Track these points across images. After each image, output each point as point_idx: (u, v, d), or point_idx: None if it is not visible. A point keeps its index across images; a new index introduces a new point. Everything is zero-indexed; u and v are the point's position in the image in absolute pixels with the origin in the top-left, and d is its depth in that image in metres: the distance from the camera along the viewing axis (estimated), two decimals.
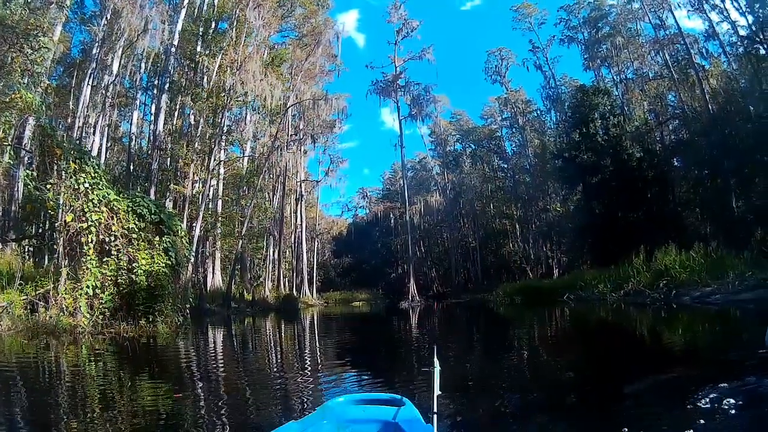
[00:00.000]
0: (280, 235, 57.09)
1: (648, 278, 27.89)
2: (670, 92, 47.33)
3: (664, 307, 22.49)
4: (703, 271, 25.26)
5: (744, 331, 13.93)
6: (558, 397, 7.77)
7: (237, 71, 39.77)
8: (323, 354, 15.28)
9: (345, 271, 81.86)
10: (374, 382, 9.93)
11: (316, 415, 5.17)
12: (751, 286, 21.43)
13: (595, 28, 56.11)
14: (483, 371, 10.78)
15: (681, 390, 6.69)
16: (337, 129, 64.25)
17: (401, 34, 63.08)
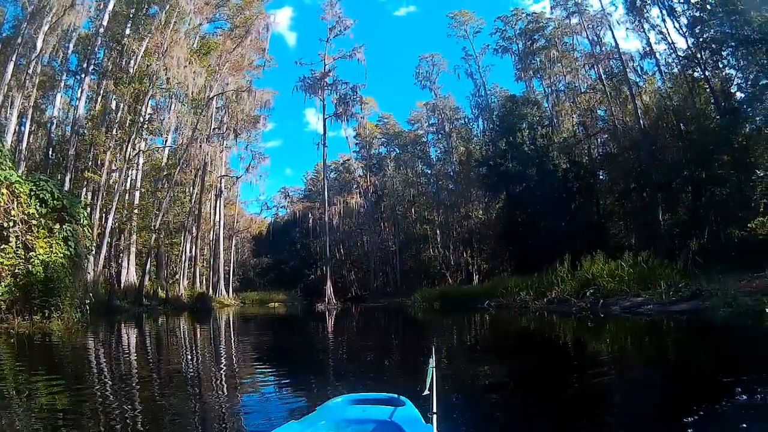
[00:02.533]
0: (198, 231, 55.23)
1: (573, 287, 27.63)
2: (601, 106, 47.49)
3: (590, 317, 22.43)
4: (632, 281, 25.09)
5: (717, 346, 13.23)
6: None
7: (162, 56, 38.45)
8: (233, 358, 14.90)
9: (264, 271, 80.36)
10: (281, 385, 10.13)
11: (316, 414, 5.13)
12: (686, 296, 21.28)
13: (531, 40, 56.15)
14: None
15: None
16: (261, 125, 63.02)
17: (334, 32, 62.42)
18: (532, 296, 29.88)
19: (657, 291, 22.64)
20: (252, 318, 37.50)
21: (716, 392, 7.19)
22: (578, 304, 25.49)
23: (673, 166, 33.17)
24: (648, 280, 24.37)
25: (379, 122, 76.74)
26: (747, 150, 29.40)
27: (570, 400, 7.76)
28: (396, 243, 68.38)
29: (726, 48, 30.83)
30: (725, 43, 30.29)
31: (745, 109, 29.69)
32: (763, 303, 16.37)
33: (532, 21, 56.73)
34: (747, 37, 27.99)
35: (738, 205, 28.99)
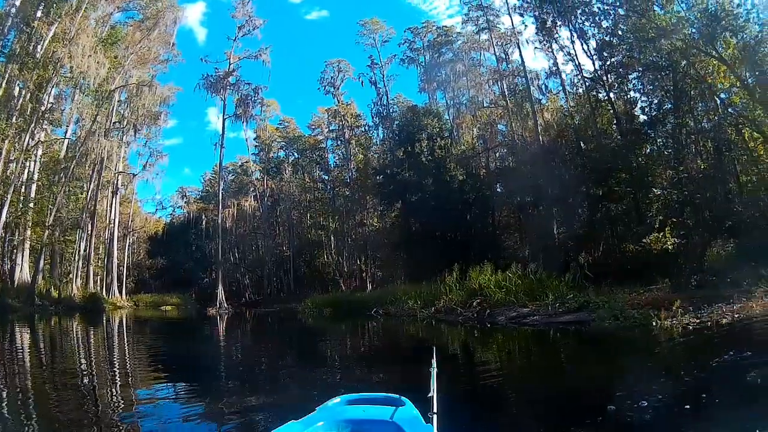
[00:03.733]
0: (93, 228, 52.19)
1: (461, 296, 27.87)
2: (502, 121, 47.83)
3: (477, 327, 22.72)
4: (520, 292, 25.40)
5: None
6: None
7: (68, 43, 36.50)
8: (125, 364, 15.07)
9: (159, 272, 77.06)
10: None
11: (316, 414, 5.19)
12: (573, 308, 21.65)
13: (439, 53, 56.18)
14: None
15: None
16: (162, 122, 61.02)
17: (243, 31, 60.54)
18: (420, 305, 30.08)
19: (544, 302, 23.19)
20: (143, 321, 37.63)
21: (594, 400, 8.11)
22: (464, 314, 25.90)
23: (571, 181, 33.42)
24: (536, 291, 24.96)
25: (279, 125, 75.22)
26: (646, 170, 29.96)
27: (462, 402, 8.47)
28: (290, 248, 66.83)
29: (632, 72, 31.47)
30: (632, 67, 30.92)
31: (646, 131, 30.70)
32: (649, 316, 16.81)
33: (441, 34, 56.84)
34: (655, 63, 28.66)
35: (634, 221, 29.71)
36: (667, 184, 29.02)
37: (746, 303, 16.60)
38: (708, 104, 29.17)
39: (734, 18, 25.33)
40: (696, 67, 27.31)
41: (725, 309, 16.34)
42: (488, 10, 47.50)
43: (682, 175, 27.49)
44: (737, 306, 16.42)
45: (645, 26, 27.76)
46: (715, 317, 15.66)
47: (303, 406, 5.40)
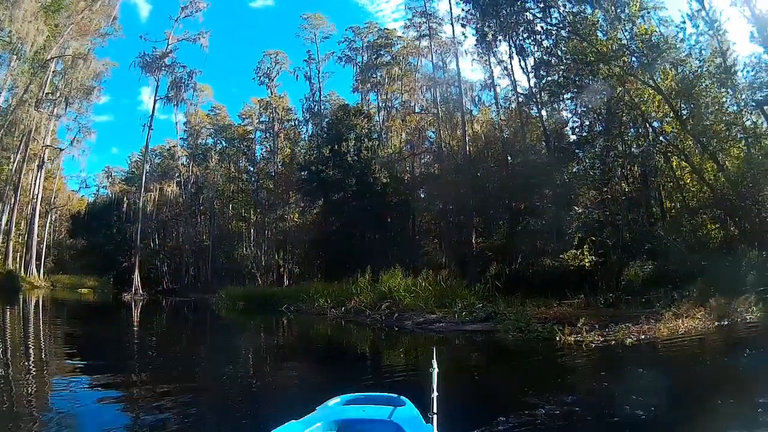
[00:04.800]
0: (15, 202, 49.40)
1: (371, 298, 27.39)
2: (431, 128, 47.49)
3: (385, 329, 22.81)
4: (430, 298, 25.07)
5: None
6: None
7: (10, 6, 34.53)
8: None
9: (79, 253, 71.49)
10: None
11: (317, 414, 5.18)
12: (481, 318, 21.41)
13: (377, 54, 55.09)
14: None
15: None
16: (95, 97, 57.99)
17: (185, 12, 57.86)
18: (331, 304, 29.49)
19: (452, 310, 22.89)
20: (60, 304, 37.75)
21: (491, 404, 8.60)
22: (373, 316, 25.54)
23: (494, 193, 33.30)
24: (446, 298, 24.66)
25: (210, 112, 72.16)
26: (570, 188, 29.94)
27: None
28: (210, 238, 64.03)
29: (567, 92, 31.32)
30: (567, 87, 30.69)
31: (575, 150, 30.73)
32: (554, 331, 16.63)
33: (382, 36, 55.66)
34: (590, 86, 28.46)
35: (554, 237, 29.36)
36: (590, 204, 29.19)
37: (654, 325, 16.47)
38: (639, 130, 29.49)
39: (676, 51, 25.82)
40: (631, 94, 27.32)
41: (633, 329, 16.15)
42: (431, 18, 47.06)
43: (606, 196, 27.73)
44: (645, 326, 16.27)
45: (585, 49, 27.67)
46: (620, 336, 15.51)
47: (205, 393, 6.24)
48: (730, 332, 15.86)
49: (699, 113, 25.78)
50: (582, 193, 30.01)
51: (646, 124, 28.66)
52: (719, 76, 26.88)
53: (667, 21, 31.90)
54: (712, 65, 26.86)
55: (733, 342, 14.90)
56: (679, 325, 16.45)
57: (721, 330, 16.16)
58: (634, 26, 27.30)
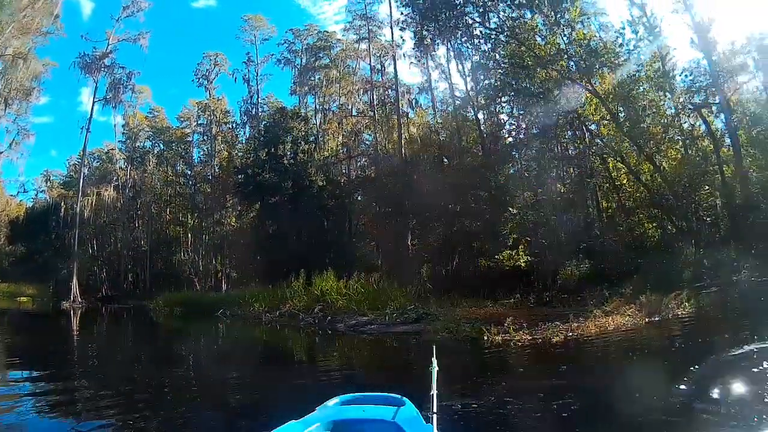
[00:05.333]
0: None
1: (305, 302, 27.52)
2: (368, 131, 47.26)
3: (318, 332, 23.00)
4: (363, 301, 25.21)
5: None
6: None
7: None
8: None
9: (18, 260, 67.34)
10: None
11: (317, 414, 5.14)
12: (411, 319, 21.46)
13: (316, 57, 53.99)
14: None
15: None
16: (34, 98, 53.36)
17: (127, 12, 54.95)
18: (265, 308, 29.40)
19: (384, 312, 22.92)
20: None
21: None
22: (306, 319, 25.66)
23: (430, 195, 32.43)
24: (379, 301, 24.76)
25: (149, 114, 68.95)
26: (506, 190, 29.95)
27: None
28: (148, 243, 61.46)
29: (504, 96, 31.56)
30: (504, 91, 30.83)
31: (511, 152, 31.57)
32: (481, 331, 16.57)
33: (322, 39, 54.49)
34: (527, 90, 28.54)
35: (489, 237, 29.02)
36: (524, 205, 28.99)
37: (583, 323, 16.58)
38: (576, 133, 29.74)
39: (614, 56, 26.12)
40: (568, 97, 27.11)
41: (561, 327, 16.18)
42: (371, 21, 46.87)
43: (541, 197, 27.97)
44: (574, 325, 16.33)
45: (524, 54, 27.82)
46: (548, 335, 15.54)
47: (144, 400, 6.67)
48: (659, 328, 16.19)
49: (636, 116, 26.21)
50: (517, 195, 29.99)
51: (583, 127, 28.82)
52: (657, 81, 27.66)
53: (608, 26, 33.15)
54: (651, 70, 27.42)
55: (659, 337, 15.29)
56: (608, 322, 16.55)
57: (651, 326, 16.35)
58: (573, 31, 27.55)
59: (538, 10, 28.06)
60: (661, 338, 15.00)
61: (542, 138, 29.16)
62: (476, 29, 32.17)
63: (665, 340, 14.54)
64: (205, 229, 59.12)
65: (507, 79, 29.95)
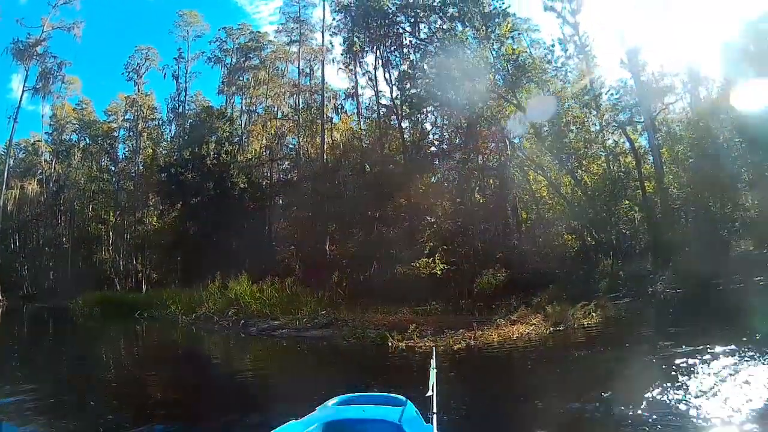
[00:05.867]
0: None
1: (220, 305, 27.11)
2: (292, 134, 46.47)
3: (232, 335, 22.82)
4: (276, 305, 25.07)
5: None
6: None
7: None
8: None
9: None
10: None
11: (316, 414, 5.19)
12: (322, 324, 21.56)
13: (246, 57, 52.53)
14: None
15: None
16: None
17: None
18: (182, 311, 28.93)
19: (296, 317, 22.93)
20: None
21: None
22: (220, 323, 25.26)
23: (350, 201, 32.81)
24: (292, 305, 24.64)
25: (77, 106, 64.78)
26: (426, 198, 30.05)
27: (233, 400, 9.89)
28: (70, 240, 58.71)
29: (429, 105, 31.85)
30: (429, 101, 30.96)
31: (432, 161, 31.90)
32: (385, 336, 16.88)
33: (254, 39, 53.10)
34: (453, 100, 28.93)
35: (407, 245, 28.94)
36: (444, 214, 29.26)
37: (487, 331, 16.81)
38: (498, 144, 29.79)
39: (542, 72, 27.03)
40: (492, 110, 27.58)
41: (467, 334, 16.43)
42: (304, 24, 46.49)
43: (459, 207, 28.26)
44: (478, 333, 16.52)
45: (451, 66, 27.83)
46: (451, 342, 15.76)
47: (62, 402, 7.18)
48: (561, 337, 16.37)
49: (559, 131, 26.52)
50: (437, 203, 30.01)
51: (506, 139, 29.02)
52: (583, 98, 28.31)
53: (539, 43, 34.08)
54: (577, 87, 28.22)
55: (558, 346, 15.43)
56: (512, 331, 16.71)
57: (554, 335, 16.50)
58: (502, 46, 28.10)
59: (470, 24, 28.56)
60: (559, 347, 15.19)
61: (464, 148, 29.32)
62: (406, 39, 32.68)
63: (562, 349, 14.78)
64: (127, 227, 57.05)
65: (433, 90, 30.01)
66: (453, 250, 26.45)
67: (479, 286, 25.09)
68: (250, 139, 47.82)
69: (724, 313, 15.74)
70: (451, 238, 27.29)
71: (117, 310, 34.03)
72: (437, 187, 31.36)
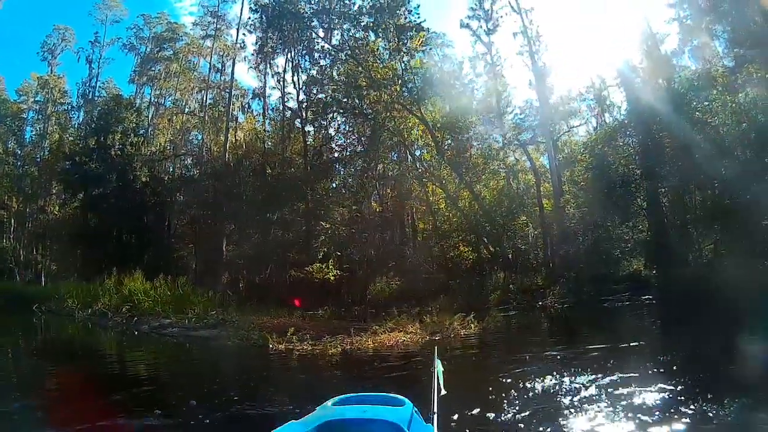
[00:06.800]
0: None
1: (116, 301, 26.28)
2: (196, 130, 45.94)
3: (126, 332, 22.37)
4: (168, 303, 24.73)
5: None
6: None
7: None
8: None
9: None
10: None
11: (316, 414, 5.04)
12: (211, 324, 21.47)
13: (161, 47, 50.83)
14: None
15: None
16: None
17: None
18: (78, 305, 27.65)
19: (187, 316, 22.73)
20: None
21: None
22: (115, 319, 24.57)
23: (249, 202, 32.53)
24: (183, 304, 24.34)
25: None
26: (323, 204, 30.47)
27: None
28: None
29: (332, 112, 31.75)
30: (333, 107, 31.00)
31: (334, 167, 31.90)
32: (267, 338, 17.15)
33: (170, 29, 51.54)
34: (358, 108, 29.21)
35: (303, 249, 29.28)
36: (341, 220, 29.32)
37: (364, 338, 17.09)
38: (400, 155, 30.27)
39: (449, 87, 27.97)
40: (396, 121, 27.90)
41: (346, 340, 16.74)
42: (221, 20, 45.66)
43: (355, 214, 28.18)
44: (355, 339, 16.86)
45: (359, 74, 28.43)
46: (327, 347, 16.02)
47: None
48: (436, 345, 16.05)
49: (460, 146, 27.34)
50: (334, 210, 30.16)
51: (407, 151, 29.23)
52: (487, 115, 29.33)
53: (451, 58, 34.91)
54: (483, 104, 29.22)
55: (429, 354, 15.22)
56: (389, 339, 16.93)
57: (431, 343, 16.01)
58: (412, 59, 28.48)
59: (383, 35, 28.73)
60: (424, 355, 14.85)
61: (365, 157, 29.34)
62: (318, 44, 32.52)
63: (423, 356, 14.54)
64: (29, 215, 55.68)
65: (338, 96, 30.14)
66: (347, 256, 26.62)
67: (372, 293, 25.64)
68: (156, 133, 46.55)
69: (599, 328, 16.89)
70: (346, 245, 27.43)
71: (17, 303, 32.80)
72: (336, 193, 31.39)
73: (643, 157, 25.53)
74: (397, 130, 27.98)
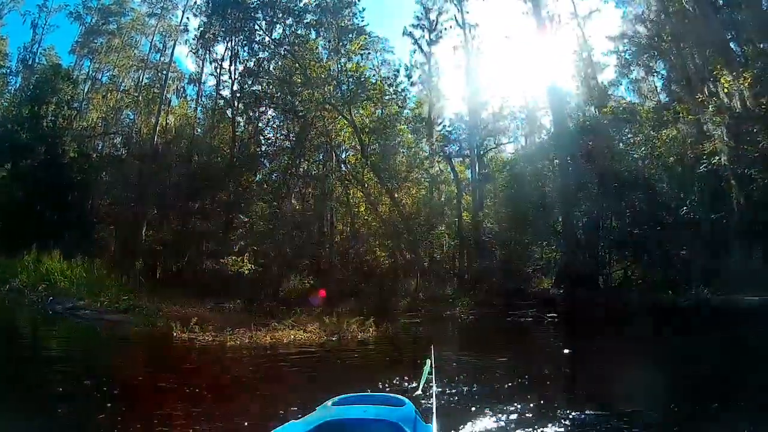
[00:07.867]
0: None
1: (33, 279, 25.76)
2: (129, 110, 44.79)
3: (41, 312, 21.97)
4: (83, 285, 24.57)
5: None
6: None
7: None
8: None
9: None
10: None
11: (316, 414, 5.12)
12: (122, 309, 21.54)
13: (105, 20, 48.61)
14: None
15: None
16: None
17: None
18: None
19: (100, 299, 22.70)
20: None
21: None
22: (31, 297, 24.02)
23: (171, 189, 32.55)
24: (98, 287, 24.36)
25: None
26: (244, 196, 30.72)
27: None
28: None
29: (264, 106, 31.99)
30: (264, 101, 31.24)
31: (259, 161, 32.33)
32: (171, 327, 17.30)
33: (117, 3, 48.85)
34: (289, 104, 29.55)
35: (220, 241, 29.18)
36: (261, 215, 29.33)
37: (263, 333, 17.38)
38: (325, 155, 30.57)
39: (382, 92, 28.02)
40: (325, 121, 28.26)
41: (246, 334, 16.97)
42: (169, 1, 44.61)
43: (275, 210, 28.07)
44: (254, 333, 17.10)
45: (295, 71, 28.77)
46: (226, 339, 16.27)
47: None
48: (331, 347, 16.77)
49: (386, 152, 27.64)
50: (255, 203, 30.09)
51: (333, 152, 29.50)
52: (416, 125, 30.08)
53: (391, 64, 34.86)
54: (412, 113, 29.98)
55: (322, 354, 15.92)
56: (286, 336, 17.31)
57: (327, 344, 16.95)
58: (348, 61, 28.89)
59: (325, 34, 29.33)
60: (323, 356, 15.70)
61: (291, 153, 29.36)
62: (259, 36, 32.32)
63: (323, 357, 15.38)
64: None
65: (272, 90, 30.31)
66: (263, 251, 26.64)
67: (286, 290, 25.79)
68: (90, 108, 45.52)
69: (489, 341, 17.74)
70: (262, 240, 27.40)
71: None
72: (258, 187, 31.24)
73: (561, 180, 26.16)
74: (325, 130, 28.15)
